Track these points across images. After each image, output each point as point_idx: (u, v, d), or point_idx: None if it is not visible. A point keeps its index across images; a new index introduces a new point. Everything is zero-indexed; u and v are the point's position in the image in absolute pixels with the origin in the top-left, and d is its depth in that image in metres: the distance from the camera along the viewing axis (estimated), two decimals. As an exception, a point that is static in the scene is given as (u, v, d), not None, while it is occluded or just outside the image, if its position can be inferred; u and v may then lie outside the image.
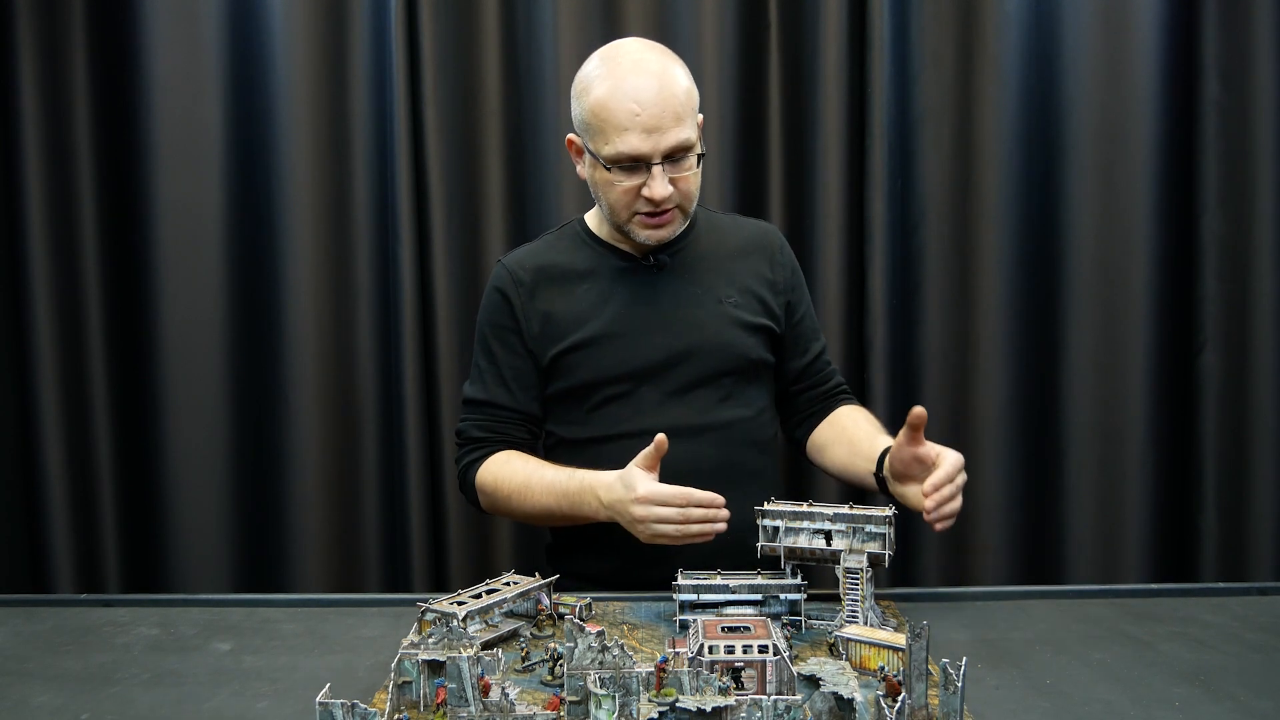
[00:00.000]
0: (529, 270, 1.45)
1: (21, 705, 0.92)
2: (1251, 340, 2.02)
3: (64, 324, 2.02)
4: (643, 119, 1.28)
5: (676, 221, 1.38)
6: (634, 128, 1.28)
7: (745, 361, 1.42)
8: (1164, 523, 2.07)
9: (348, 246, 2.06)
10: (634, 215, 1.36)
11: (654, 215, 1.35)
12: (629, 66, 1.31)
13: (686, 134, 1.30)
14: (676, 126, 1.29)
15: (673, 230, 1.38)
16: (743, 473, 1.40)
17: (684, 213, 1.38)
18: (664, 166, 1.30)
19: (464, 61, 2.03)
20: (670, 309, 1.41)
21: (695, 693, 0.75)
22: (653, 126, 1.28)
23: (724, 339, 1.40)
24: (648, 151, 1.29)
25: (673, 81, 1.31)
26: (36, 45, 1.98)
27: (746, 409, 1.44)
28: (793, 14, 2.04)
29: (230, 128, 2.03)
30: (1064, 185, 2.04)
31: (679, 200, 1.35)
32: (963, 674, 0.76)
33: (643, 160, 1.30)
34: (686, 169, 1.33)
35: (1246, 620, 1.11)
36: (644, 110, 1.28)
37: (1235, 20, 1.99)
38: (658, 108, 1.28)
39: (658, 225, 1.36)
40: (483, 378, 1.45)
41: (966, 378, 2.07)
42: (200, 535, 2.06)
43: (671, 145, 1.29)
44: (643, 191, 1.32)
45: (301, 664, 1.02)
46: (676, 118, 1.29)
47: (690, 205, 1.38)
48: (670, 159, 1.31)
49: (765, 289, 1.46)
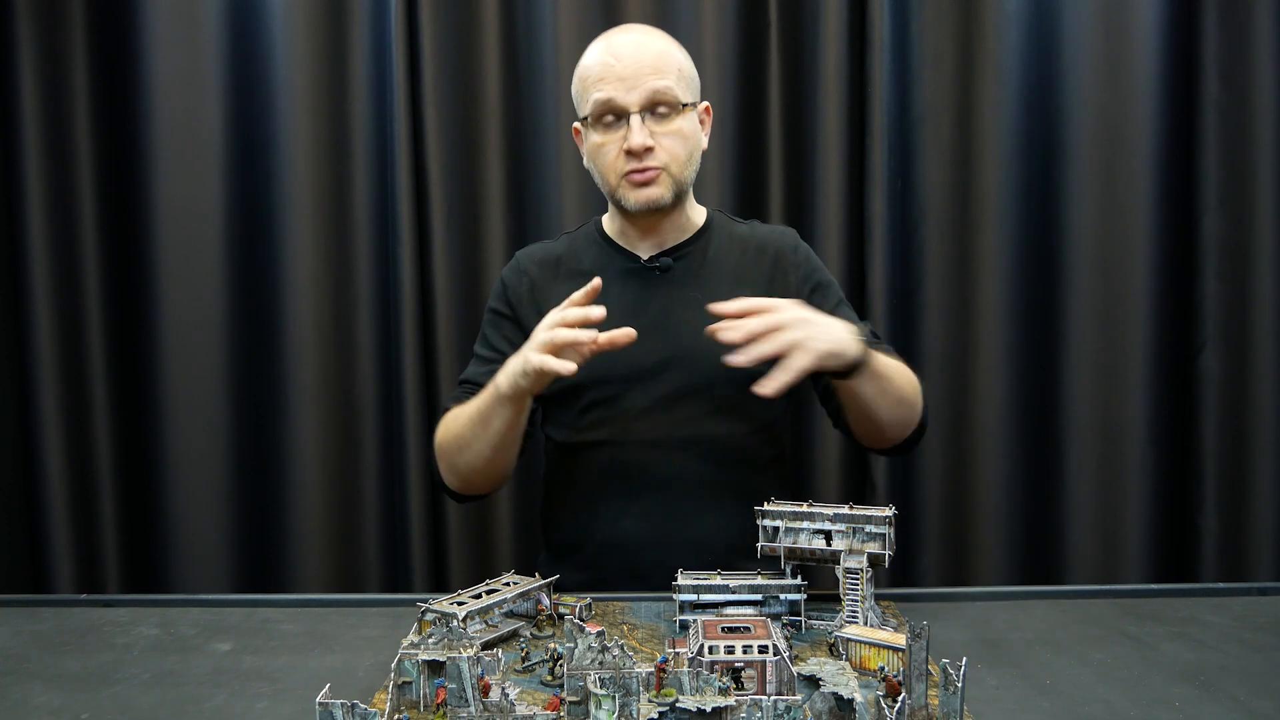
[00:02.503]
0: (536, 263, 1.45)
1: (21, 705, 0.92)
2: (1251, 340, 2.02)
3: (64, 324, 2.02)
4: (618, 69, 1.28)
5: (664, 184, 1.32)
6: (610, 77, 1.28)
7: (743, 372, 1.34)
8: (1164, 523, 2.07)
9: (348, 246, 2.06)
10: (621, 178, 1.32)
11: (638, 172, 1.31)
12: (616, 32, 1.34)
13: (665, 84, 1.28)
14: (654, 76, 1.28)
15: (660, 192, 1.32)
16: (729, 491, 1.34)
17: (672, 177, 1.33)
18: (644, 119, 1.29)
19: (464, 61, 2.03)
20: (665, 313, 1.36)
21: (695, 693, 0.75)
22: (628, 75, 1.28)
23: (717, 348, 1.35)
24: (623, 100, 1.28)
25: (652, 40, 1.31)
26: (36, 45, 1.98)
27: (742, 424, 1.37)
28: (793, 14, 2.04)
29: (230, 128, 2.04)
30: (1064, 185, 2.04)
31: (664, 160, 1.31)
32: (963, 674, 0.76)
33: (621, 111, 1.29)
34: (671, 126, 1.30)
35: (1246, 620, 1.11)
36: (620, 61, 1.28)
37: (1235, 20, 1.99)
38: (634, 59, 1.28)
39: (643, 183, 1.31)
40: (475, 360, 1.45)
41: (966, 378, 2.07)
42: (200, 535, 2.06)
43: (649, 93, 1.28)
44: (623, 145, 1.30)
45: (301, 664, 1.02)
46: (655, 69, 1.28)
47: (679, 170, 1.33)
48: (652, 113, 1.29)
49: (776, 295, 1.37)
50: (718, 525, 1.33)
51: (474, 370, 1.43)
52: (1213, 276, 2.02)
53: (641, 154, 1.29)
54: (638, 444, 1.35)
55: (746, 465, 1.39)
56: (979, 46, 2.03)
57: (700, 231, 1.43)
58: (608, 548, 1.36)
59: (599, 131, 1.32)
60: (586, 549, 1.39)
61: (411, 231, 2.00)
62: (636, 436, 1.34)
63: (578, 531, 1.41)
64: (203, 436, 2.05)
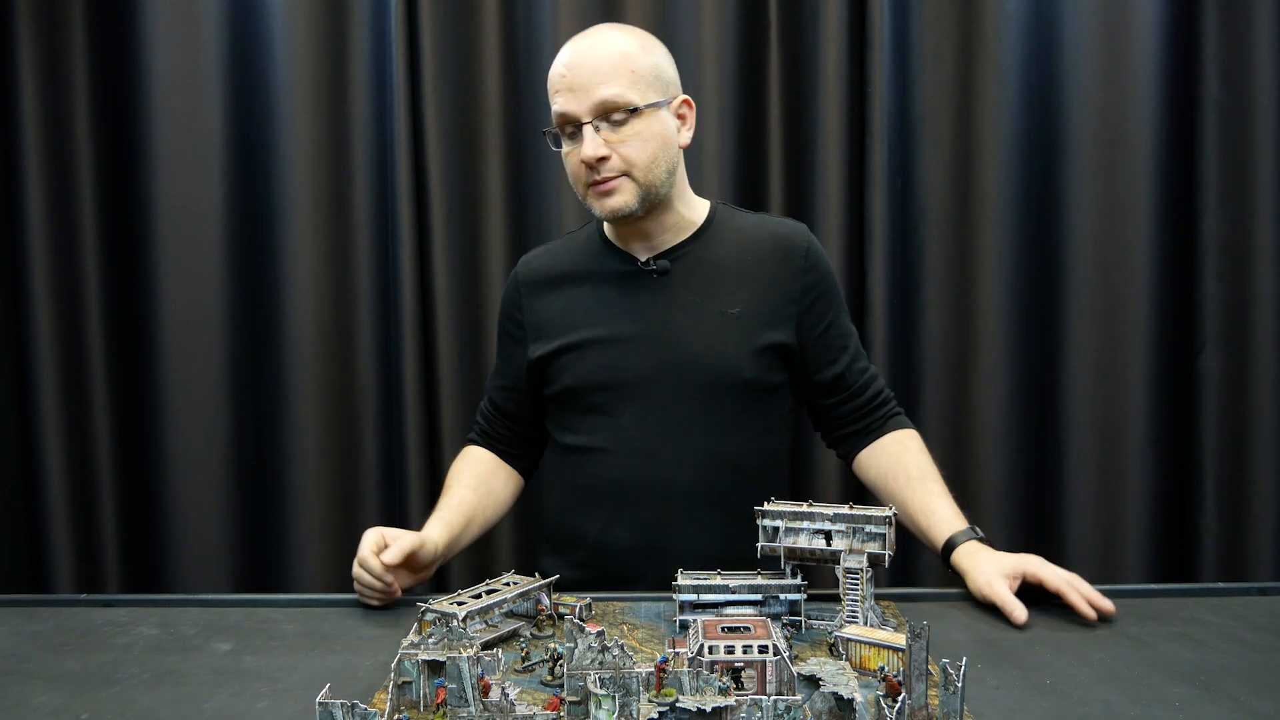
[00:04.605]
0: (534, 269, 1.44)
1: (21, 705, 0.92)
2: (1251, 340, 2.02)
3: (64, 324, 2.02)
4: (569, 78, 1.26)
5: (626, 191, 1.28)
6: (562, 88, 1.27)
7: (739, 381, 1.32)
8: (1164, 523, 2.07)
9: (348, 246, 2.07)
10: (587, 188, 1.30)
11: (599, 183, 1.27)
12: (578, 38, 1.32)
13: (613, 91, 1.24)
14: (602, 84, 1.24)
15: (624, 200, 1.28)
16: (723, 502, 1.31)
17: (636, 183, 1.28)
18: (596, 128, 1.25)
19: (464, 61, 2.03)
20: (662, 318, 1.33)
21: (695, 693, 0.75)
22: (577, 85, 1.25)
23: (717, 355, 1.30)
24: (575, 111, 1.26)
25: (605, 44, 1.28)
26: (36, 45, 1.98)
27: (736, 434, 1.34)
28: (793, 14, 2.04)
29: (230, 128, 2.04)
30: (1064, 185, 2.04)
31: (622, 166, 1.27)
32: (963, 674, 0.75)
33: (576, 121, 1.27)
34: (628, 130, 1.26)
35: (1246, 620, 1.11)
36: (570, 71, 1.27)
37: (1235, 20, 1.99)
38: (583, 67, 1.26)
39: (603, 193, 1.28)
40: (495, 373, 1.52)
41: (966, 378, 2.07)
42: (200, 535, 2.06)
43: (596, 102, 1.24)
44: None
45: (301, 664, 1.02)
46: (604, 76, 1.25)
47: (644, 175, 1.28)
48: (607, 120, 1.26)
49: (782, 298, 1.35)
50: (709, 535, 1.32)
51: (493, 385, 1.51)
52: (1213, 276, 2.02)
53: (595, 164, 1.27)
54: (631, 452, 1.33)
55: (743, 475, 1.35)
56: (979, 46, 2.03)
57: (700, 230, 1.38)
58: (599, 552, 1.37)
59: (565, 142, 1.31)
60: (579, 550, 1.39)
61: (411, 231, 2.00)
62: (630, 444, 1.33)
63: (571, 532, 1.41)
64: (203, 436, 2.05)
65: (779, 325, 1.35)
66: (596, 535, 1.36)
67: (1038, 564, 1.17)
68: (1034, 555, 1.19)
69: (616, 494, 1.35)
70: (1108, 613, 1.11)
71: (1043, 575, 1.15)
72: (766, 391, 1.36)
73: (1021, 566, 1.17)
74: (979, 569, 1.18)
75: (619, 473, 1.34)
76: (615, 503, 1.35)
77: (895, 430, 1.40)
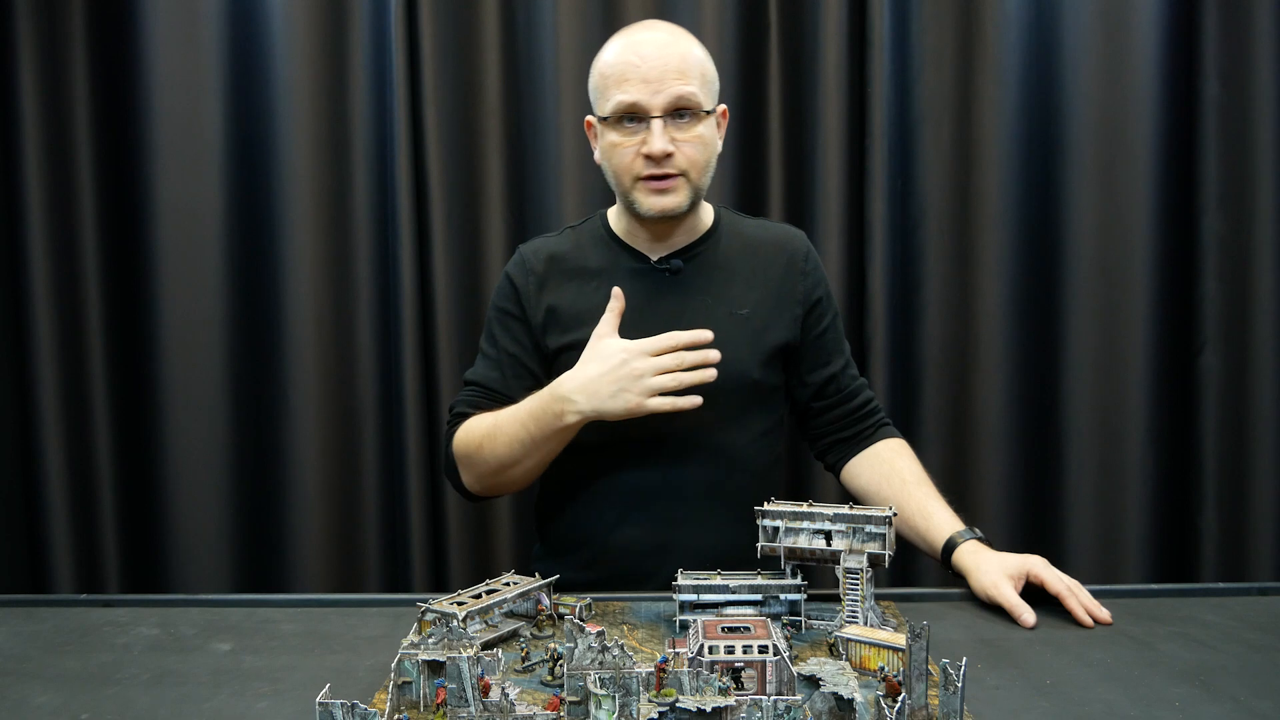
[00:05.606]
0: (543, 260, 1.41)
1: (21, 705, 0.92)
2: (1251, 340, 2.02)
3: (64, 324, 2.02)
4: (642, 69, 1.25)
5: (681, 192, 1.29)
6: (633, 78, 1.25)
7: (748, 381, 1.35)
8: (1164, 523, 2.07)
9: (348, 246, 2.06)
10: (637, 181, 1.29)
11: (656, 179, 1.28)
12: (639, 29, 1.31)
13: (690, 89, 1.25)
14: (679, 80, 1.24)
15: (678, 200, 1.30)
16: (728, 498, 1.33)
17: (690, 184, 1.30)
18: (665, 123, 1.25)
19: (464, 61, 2.03)
20: (674, 317, 1.32)
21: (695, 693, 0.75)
22: (652, 78, 1.24)
23: (727, 355, 1.28)
24: (646, 103, 1.25)
25: (681, 41, 1.28)
26: (36, 45, 1.98)
27: (743, 432, 1.36)
28: (793, 14, 2.04)
29: (230, 128, 2.04)
30: (1064, 185, 2.04)
31: (684, 166, 1.28)
32: (963, 674, 0.75)
33: (642, 114, 1.26)
34: (692, 132, 1.27)
35: (1246, 620, 1.11)
36: (644, 62, 1.25)
37: (1235, 20, 1.99)
38: (659, 60, 1.25)
39: (660, 190, 1.28)
40: (483, 359, 1.43)
41: (966, 378, 2.07)
42: (200, 535, 2.06)
43: (672, 98, 1.24)
44: (642, 149, 1.27)
45: (301, 664, 1.02)
46: (680, 73, 1.25)
47: (698, 177, 1.30)
48: (674, 117, 1.26)
49: (785, 300, 1.38)
50: (716, 533, 1.33)
51: (483, 372, 1.42)
52: (1213, 276, 2.02)
53: (661, 160, 1.27)
54: (639, 450, 1.34)
55: (746, 472, 1.37)
56: (979, 46, 2.03)
57: (709, 232, 1.41)
58: (605, 552, 1.36)
59: (617, 132, 1.29)
60: (583, 551, 1.39)
61: (411, 231, 2.00)
62: (638, 442, 1.33)
63: (575, 532, 1.40)
64: (203, 437, 2.05)
65: (784, 326, 1.38)
66: (604, 535, 1.36)
67: (1041, 565, 1.18)
68: (1037, 556, 1.20)
69: (626, 491, 1.35)
70: (1105, 623, 1.11)
71: (1045, 577, 1.16)
72: (770, 392, 1.40)
73: (1025, 567, 1.17)
74: (982, 569, 1.19)
75: (629, 469, 1.34)
76: (624, 500, 1.35)
77: (886, 439, 1.43)
